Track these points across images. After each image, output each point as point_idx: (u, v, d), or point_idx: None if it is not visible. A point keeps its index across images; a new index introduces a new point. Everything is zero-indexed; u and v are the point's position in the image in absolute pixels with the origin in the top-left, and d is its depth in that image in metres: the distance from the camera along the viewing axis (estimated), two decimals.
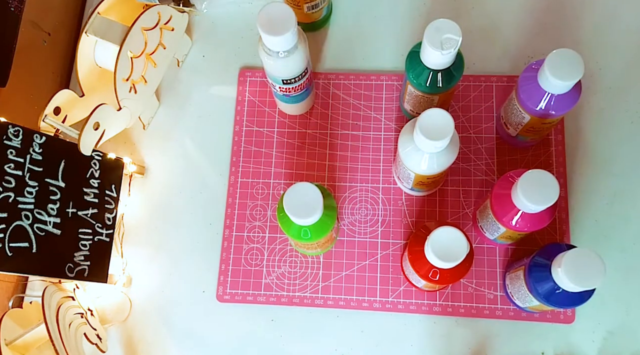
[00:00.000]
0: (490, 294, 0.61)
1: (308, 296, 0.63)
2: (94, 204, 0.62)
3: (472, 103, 0.67)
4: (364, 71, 0.69)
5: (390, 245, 0.63)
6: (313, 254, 0.63)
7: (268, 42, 0.53)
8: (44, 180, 0.57)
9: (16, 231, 0.53)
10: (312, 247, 0.59)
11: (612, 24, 0.68)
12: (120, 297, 0.64)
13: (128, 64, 0.61)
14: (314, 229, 0.53)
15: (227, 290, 0.64)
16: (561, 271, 0.47)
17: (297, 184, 0.51)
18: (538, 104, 0.54)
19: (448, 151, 0.53)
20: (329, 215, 0.54)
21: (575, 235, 0.62)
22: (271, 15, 0.52)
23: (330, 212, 0.54)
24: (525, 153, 0.65)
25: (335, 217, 0.55)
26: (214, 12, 0.73)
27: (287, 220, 0.52)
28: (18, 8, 0.60)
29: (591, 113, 0.66)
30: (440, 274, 0.52)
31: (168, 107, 0.71)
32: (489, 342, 0.60)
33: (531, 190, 0.49)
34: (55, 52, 0.73)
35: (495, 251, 0.62)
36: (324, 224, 0.53)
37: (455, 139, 0.53)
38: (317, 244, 0.57)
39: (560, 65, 0.51)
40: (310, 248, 0.59)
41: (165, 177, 0.69)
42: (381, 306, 0.62)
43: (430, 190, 0.63)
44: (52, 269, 0.56)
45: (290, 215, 0.50)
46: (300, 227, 0.52)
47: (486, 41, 0.69)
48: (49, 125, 0.59)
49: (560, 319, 0.60)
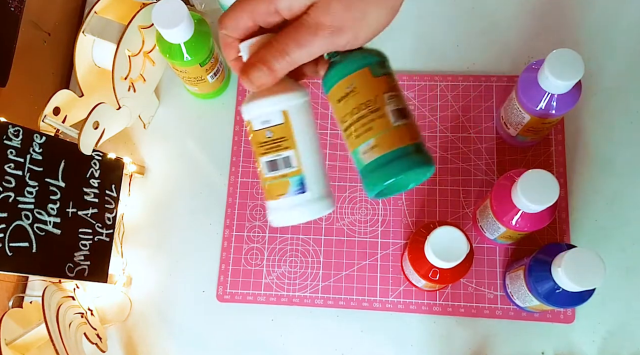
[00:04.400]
0: (490, 293, 0.61)
1: (308, 296, 0.63)
2: (94, 204, 0.62)
3: (472, 103, 0.67)
4: None
5: (390, 245, 0.63)
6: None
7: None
8: (44, 180, 0.57)
9: (16, 231, 0.53)
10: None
11: (612, 24, 0.68)
12: (121, 296, 0.64)
13: (126, 62, 0.61)
14: (190, 46, 0.58)
15: (227, 290, 0.64)
16: (561, 271, 0.47)
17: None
18: (538, 104, 0.54)
19: None
20: (202, 32, 0.59)
21: (575, 235, 0.62)
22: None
23: (202, 29, 0.59)
24: (525, 153, 0.65)
25: (210, 40, 0.61)
26: (213, 10, 0.73)
27: (163, 40, 0.58)
28: (18, 8, 0.60)
29: (591, 113, 0.66)
30: (440, 274, 0.52)
31: (168, 107, 0.71)
32: (489, 342, 0.60)
33: (531, 190, 0.49)
34: (55, 52, 0.73)
35: (495, 251, 0.62)
36: (198, 42, 0.59)
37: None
38: (205, 69, 0.63)
39: (560, 65, 0.51)
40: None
41: (166, 177, 0.68)
42: (381, 306, 0.62)
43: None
44: (52, 268, 0.56)
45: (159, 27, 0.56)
46: (174, 45, 0.58)
47: (486, 41, 0.69)
48: (48, 125, 0.59)
49: (560, 319, 0.60)
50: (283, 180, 0.38)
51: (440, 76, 0.68)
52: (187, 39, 0.58)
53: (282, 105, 0.38)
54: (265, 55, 0.36)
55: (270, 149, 0.38)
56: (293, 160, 0.38)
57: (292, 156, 0.38)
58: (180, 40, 0.58)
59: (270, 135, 0.38)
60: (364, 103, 0.36)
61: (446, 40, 0.70)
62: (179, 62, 0.60)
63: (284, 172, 0.38)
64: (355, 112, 0.37)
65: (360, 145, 0.36)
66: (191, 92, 0.70)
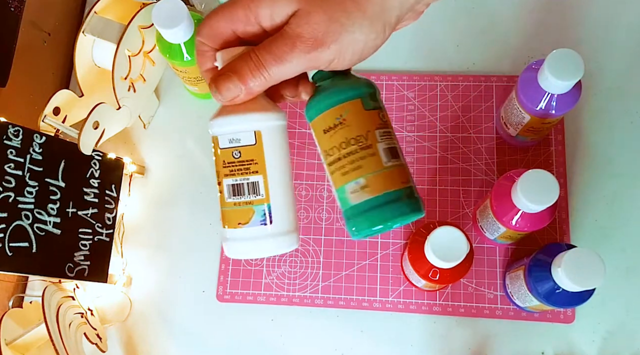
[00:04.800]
0: (490, 293, 0.61)
1: (308, 296, 0.63)
2: (94, 204, 0.62)
3: (472, 103, 0.67)
4: (364, 71, 0.69)
5: (390, 245, 0.63)
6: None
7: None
8: (44, 180, 0.57)
9: (16, 231, 0.53)
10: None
11: (612, 24, 0.68)
12: (120, 296, 0.64)
13: (126, 62, 0.61)
14: (190, 46, 0.57)
15: (227, 290, 0.64)
16: (561, 271, 0.47)
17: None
18: (538, 104, 0.54)
19: None
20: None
21: (575, 235, 0.62)
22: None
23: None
24: (525, 153, 0.65)
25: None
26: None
27: (162, 40, 0.56)
28: (18, 8, 0.60)
29: (591, 113, 0.66)
30: (440, 274, 0.52)
31: (168, 107, 0.71)
32: (489, 342, 0.60)
33: (531, 190, 0.49)
34: (55, 52, 0.73)
35: (495, 251, 0.62)
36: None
37: None
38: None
39: (560, 65, 0.51)
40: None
41: (166, 177, 0.69)
42: (381, 306, 0.62)
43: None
44: (52, 268, 0.56)
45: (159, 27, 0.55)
46: (174, 45, 0.57)
47: (486, 41, 0.69)
48: (48, 125, 0.59)
49: (560, 319, 0.60)
50: (246, 207, 0.34)
51: (440, 76, 0.68)
52: (187, 39, 0.58)
53: (256, 125, 0.34)
54: (240, 66, 0.33)
55: (237, 171, 0.34)
56: (261, 186, 0.34)
57: (261, 182, 0.34)
58: (180, 40, 0.58)
59: (237, 156, 0.34)
60: (354, 138, 0.33)
61: (446, 40, 0.70)
62: (179, 62, 0.60)
63: (248, 198, 0.34)
64: (343, 146, 0.34)
65: (347, 183, 0.34)
66: (191, 92, 0.70)
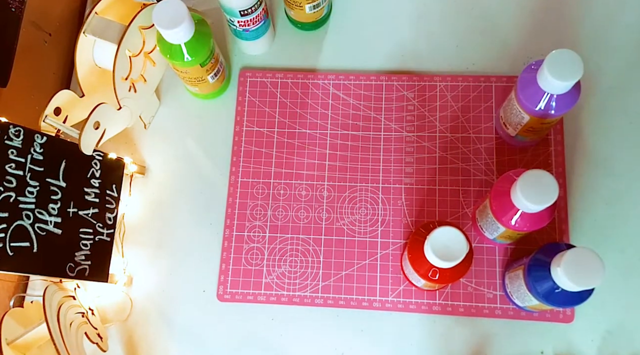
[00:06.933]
0: (490, 293, 0.61)
1: (308, 295, 0.63)
2: (94, 204, 0.62)
3: (471, 103, 0.67)
4: (364, 71, 0.70)
5: (390, 245, 0.64)
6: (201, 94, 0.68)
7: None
8: (45, 180, 0.57)
9: (17, 231, 0.53)
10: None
11: (612, 24, 0.68)
12: (121, 296, 0.65)
13: (126, 63, 0.61)
14: (190, 47, 0.58)
15: (227, 289, 0.64)
16: (560, 270, 0.47)
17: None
18: (537, 104, 0.54)
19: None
20: (202, 33, 0.60)
21: (575, 235, 0.62)
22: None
23: (203, 29, 0.60)
24: (524, 153, 0.65)
25: (210, 41, 0.61)
26: (213, 11, 0.73)
27: (163, 41, 0.58)
28: (19, 8, 0.61)
29: (591, 113, 0.66)
30: (440, 274, 0.52)
31: (168, 107, 0.71)
32: (489, 342, 0.60)
33: (530, 190, 0.49)
34: (56, 53, 0.73)
35: (495, 251, 0.62)
36: (199, 42, 0.59)
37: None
38: (206, 70, 0.63)
39: (559, 65, 0.51)
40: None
41: (166, 177, 0.69)
42: (381, 305, 0.62)
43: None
44: (53, 268, 0.57)
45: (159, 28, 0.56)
46: (174, 46, 0.58)
47: (486, 41, 0.69)
48: (49, 125, 0.59)
49: (560, 318, 0.60)
50: None
51: (440, 76, 0.68)
52: (188, 40, 0.58)
53: None
54: None
55: None
56: None
57: None
58: (180, 40, 0.58)
59: None
60: None
61: (446, 40, 0.70)
62: (180, 62, 0.60)
63: None
64: None
65: None
66: (192, 93, 0.70)
